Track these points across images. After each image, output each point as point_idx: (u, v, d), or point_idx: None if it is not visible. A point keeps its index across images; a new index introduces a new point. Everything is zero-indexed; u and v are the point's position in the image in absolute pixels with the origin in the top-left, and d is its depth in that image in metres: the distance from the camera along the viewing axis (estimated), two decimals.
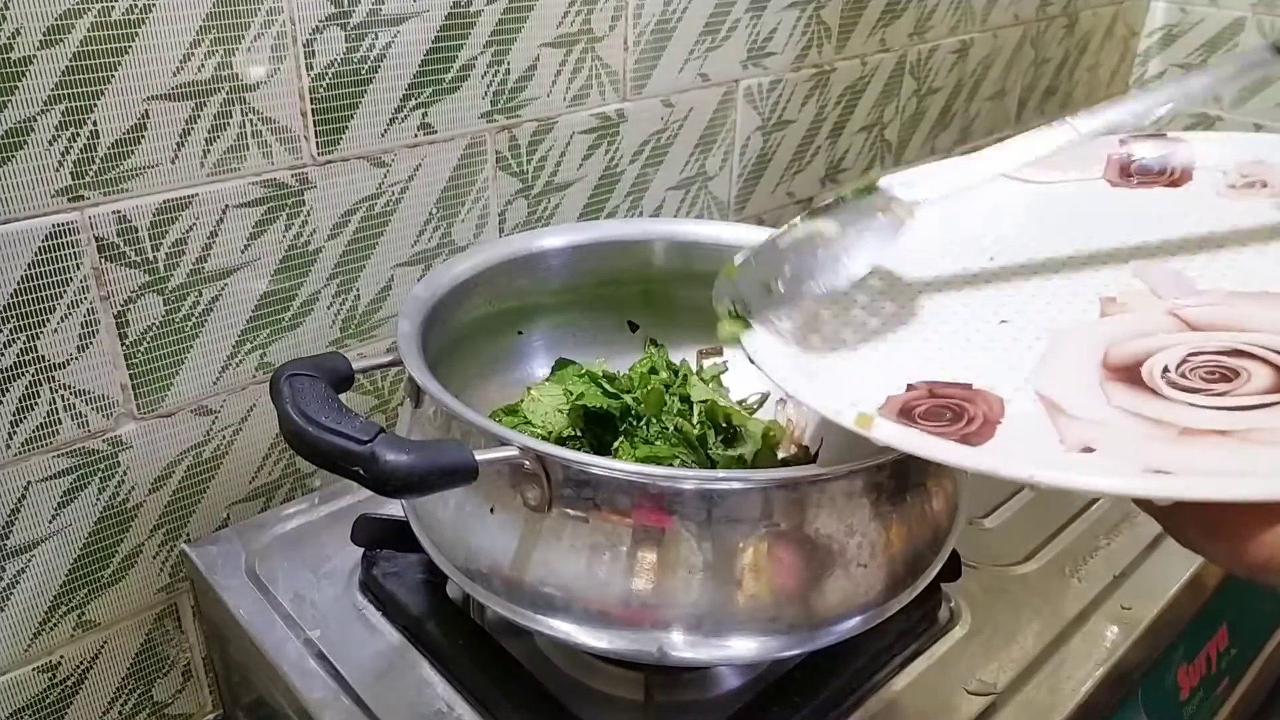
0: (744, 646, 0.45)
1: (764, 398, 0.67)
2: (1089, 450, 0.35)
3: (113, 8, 0.53)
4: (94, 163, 0.55)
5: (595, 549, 0.43)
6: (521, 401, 0.62)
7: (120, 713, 0.67)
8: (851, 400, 0.40)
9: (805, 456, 0.61)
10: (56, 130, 0.53)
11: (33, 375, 0.56)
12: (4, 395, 0.56)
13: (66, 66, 0.52)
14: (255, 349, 0.65)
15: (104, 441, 0.60)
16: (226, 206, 0.61)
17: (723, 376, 0.68)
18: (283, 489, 0.71)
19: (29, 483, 0.58)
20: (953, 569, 0.58)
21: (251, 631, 0.57)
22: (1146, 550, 0.64)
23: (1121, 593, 0.61)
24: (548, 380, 0.64)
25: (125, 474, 0.62)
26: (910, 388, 0.40)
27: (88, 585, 0.63)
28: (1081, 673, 0.55)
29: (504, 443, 0.42)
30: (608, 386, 0.61)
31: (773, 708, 0.51)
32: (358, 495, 0.68)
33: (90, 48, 0.52)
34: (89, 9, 0.52)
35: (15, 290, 0.54)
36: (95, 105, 0.54)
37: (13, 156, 0.52)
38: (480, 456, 0.41)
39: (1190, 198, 0.51)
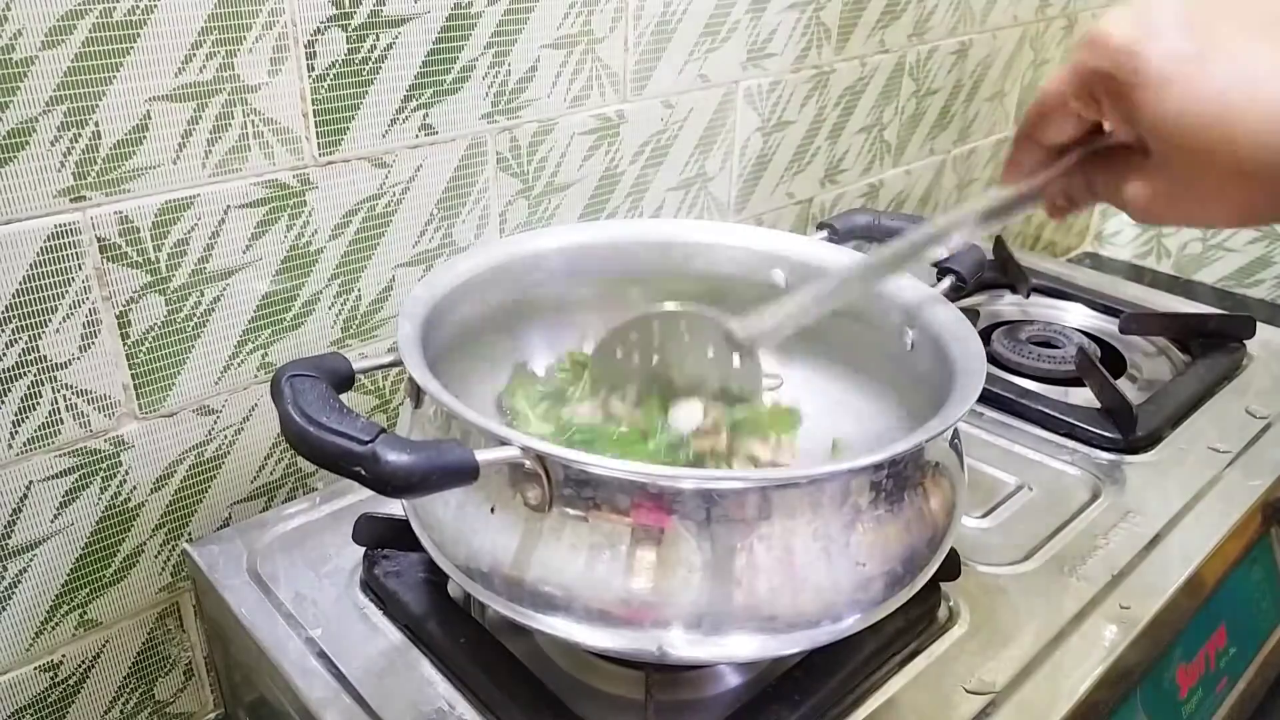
0: (743, 645, 0.45)
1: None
2: None
3: (114, 9, 0.53)
4: (96, 163, 0.55)
5: (595, 548, 0.43)
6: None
7: (122, 712, 0.68)
8: None
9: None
10: (59, 131, 0.53)
11: (35, 375, 0.56)
12: (6, 395, 0.56)
13: (68, 67, 0.52)
14: (257, 349, 0.66)
15: (106, 441, 0.61)
16: (228, 207, 0.61)
17: None
18: (284, 488, 0.71)
19: (31, 482, 0.58)
20: (951, 568, 0.58)
21: (253, 630, 0.57)
22: (1145, 550, 0.65)
23: (1120, 592, 0.61)
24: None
25: (127, 473, 0.62)
26: None
27: (89, 584, 0.63)
28: (1080, 672, 0.55)
29: (504, 443, 0.43)
30: None
31: (772, 706, 0.51)
32: (359, 495, 0.68)
33: (92, 49, 0.53)
34: (91, 10, 0.52)
35: (17, 290, 0.54)
36: (97, 106, 0.54)
37: (15, 157, 0.52)
38: (481, 457, 0.41)
39: None
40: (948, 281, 0.62)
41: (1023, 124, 0.44)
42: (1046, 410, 0.79)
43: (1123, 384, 0.84)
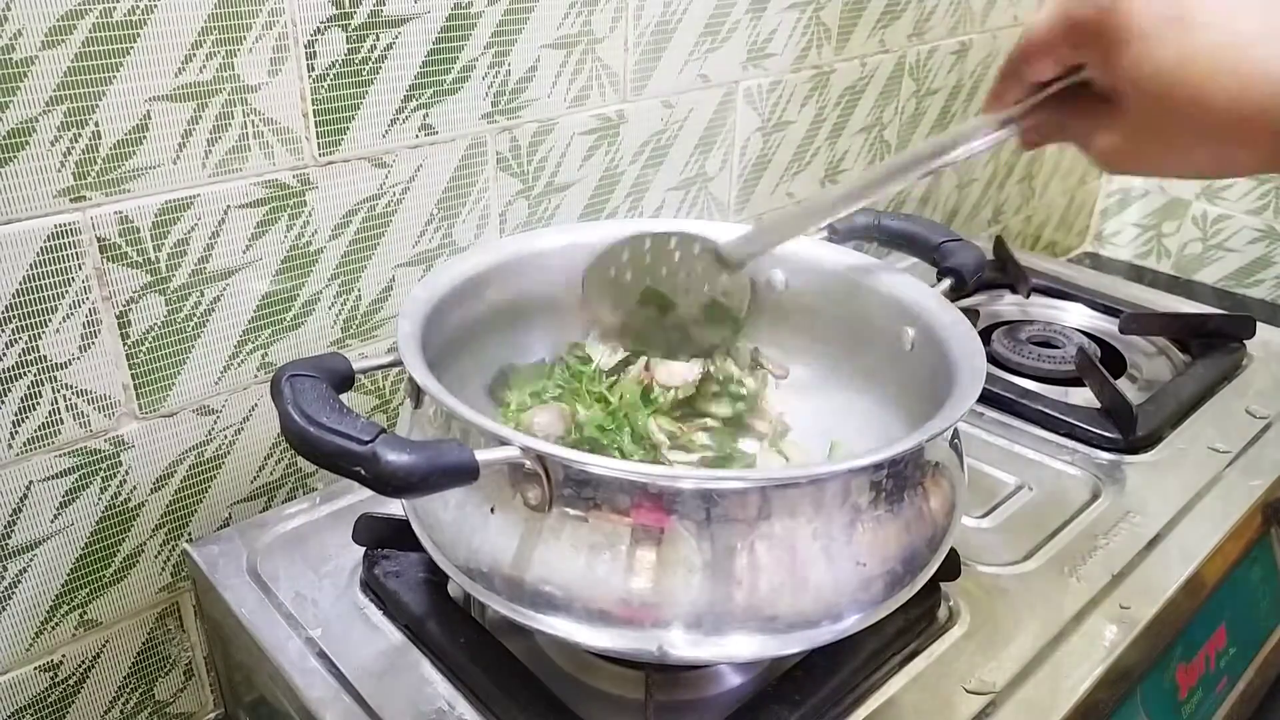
0: (743, 645, 0.45)
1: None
2: None
3: (114, 9, 0.53)
4: (96, 163, 0.55)
5: (595, 548, 0.43)
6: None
7: (122, 712, 0.68)
8: None
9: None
10: (59, 131, 0.53)
11: (35, 375, 0.56)
12: (6, 395, 0.56)
13: (68, 67, 0.52)
14: (257, 349, 0.66)
15: (106, 441, 0.61)
16: (228, 207, 0.61)
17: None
18: (284, 488, 0.71)
19: (31, 482, 0.58)
20: (951, 568, 0.58)
21: (253, 630, 0.57)
22: (1145, 550, 0.65)
23: (1120, 592, 0.61)
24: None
25: (127, 473, 0.62)
26: None
27: (89, 584, 0.63)
28: (1080, 672, 0.55)
29: (504, 442, 0.43)
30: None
31: (773, 706, 0.51)
32: (359, 495, 0.68)
33: (92, 48, 0.53)
34: (91, 10, 0.52)
35: (17, 290, 0.54)
36: (97, 106, 0.54)
37: (15, 157, 0.52)
38: (481, 457, 0.41)
39: None
40: (948, 281, 0.62)
41: (1008, 59, 0.46)
42: (1046, 410, 0.79)
43: (1123, 384, 0.84)
